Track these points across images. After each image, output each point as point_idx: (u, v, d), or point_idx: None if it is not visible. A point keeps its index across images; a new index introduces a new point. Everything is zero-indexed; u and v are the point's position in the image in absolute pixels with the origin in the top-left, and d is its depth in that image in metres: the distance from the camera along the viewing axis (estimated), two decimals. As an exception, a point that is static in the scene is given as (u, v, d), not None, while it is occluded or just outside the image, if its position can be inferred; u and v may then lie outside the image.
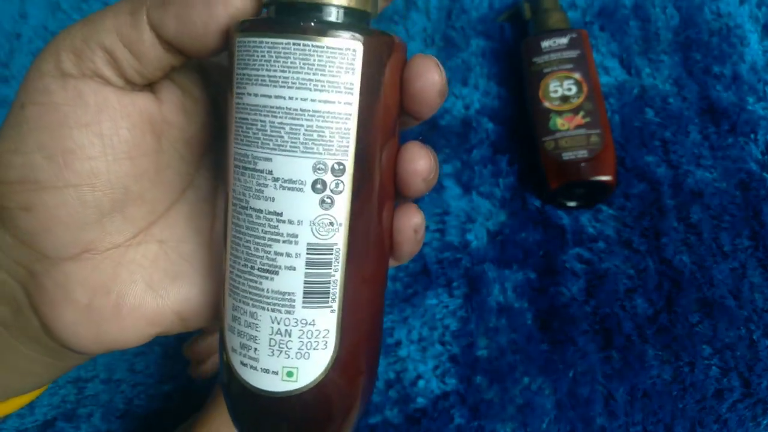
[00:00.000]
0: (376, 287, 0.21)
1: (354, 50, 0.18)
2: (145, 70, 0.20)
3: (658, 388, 0.41)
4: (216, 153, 0.24)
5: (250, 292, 0.20)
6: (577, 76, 0.44)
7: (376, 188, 0.20)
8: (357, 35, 0.18)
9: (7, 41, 0.52)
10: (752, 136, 0.46)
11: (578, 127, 0.43)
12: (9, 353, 0.24)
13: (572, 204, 0.45)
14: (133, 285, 0.22)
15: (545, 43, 0.45)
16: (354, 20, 0.20)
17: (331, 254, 0.19)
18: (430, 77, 0.20)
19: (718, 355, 0.41)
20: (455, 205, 0.46)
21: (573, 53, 0.45)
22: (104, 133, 0.20)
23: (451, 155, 0.47)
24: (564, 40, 0.45)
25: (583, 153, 0.43)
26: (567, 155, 0.43)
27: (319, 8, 0.19)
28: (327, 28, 0.18)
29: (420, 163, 0.21)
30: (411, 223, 0.22)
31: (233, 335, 0.20)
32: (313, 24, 0.18)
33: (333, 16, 0.19)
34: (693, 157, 0.46)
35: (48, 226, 0.20)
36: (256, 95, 0.19)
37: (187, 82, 0.22)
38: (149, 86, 0.21)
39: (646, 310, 0.42)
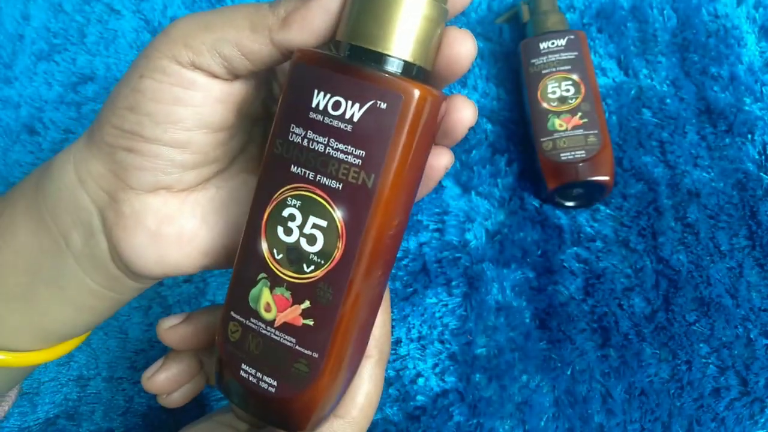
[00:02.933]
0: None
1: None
2: (255, 68, 0.24)
3: (656, 386, 0.41)
4: (265, 125, 0.30)
5: None
6: (575, 77, 0.45)
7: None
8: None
9: (9, 42, 0.53)
10: (749, 136, 0.46)
11: (576, 127, 0.44)
12: (71, 284, 0.28)
13: (570, 204, 0.45)
14: (192, 218, 0.27)
15: (543, 45, 0.46)
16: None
17: None
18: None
19: (716, 354, 0.41)
20: (454, 205, 0.46)
21: (571, 55, 0.45)
22: (204, 113, 0.25)
23: (451, 155, 0.47)
24: (562, 42, 0.45)
25: (580, 153, 0.43)
26: (565, 156, 0.43)
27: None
28: None
29: (467, 112, 0.24)
30: (444, 162, 0.26)
31: None
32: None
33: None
34: (690, 157, 0.46)
35: (141, 167, 0.25)
36: None
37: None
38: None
39: (644, 308, 0.43)
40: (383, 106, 0.21)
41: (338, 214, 0.22)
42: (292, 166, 0.22)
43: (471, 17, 0.52)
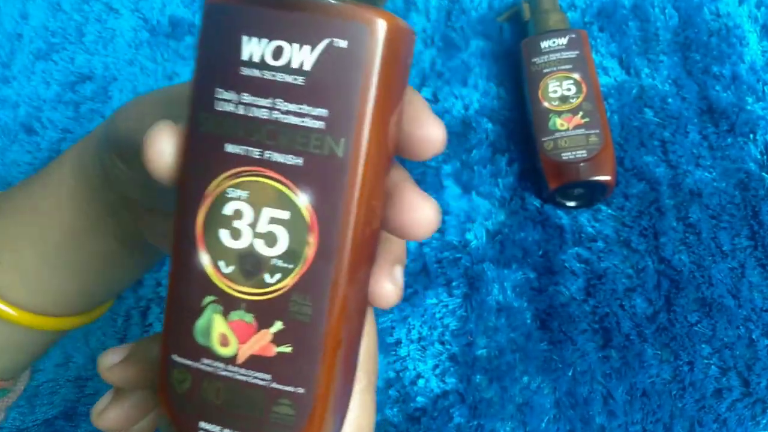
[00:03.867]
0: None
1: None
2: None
3: (657, 387, 0.41)
4: None
5: None
6: (576, 76, 0.44)
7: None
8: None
9: (8, 41, 0.52)
10: (751, 136, 0.46)
11: (577, 127, 0.43)
12: (105, 245, 0.30)
13: (571, 204, 0.45)
14: None
15: (544, 44, 0.45)
16: None
17: None
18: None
19: (717, 355, 0.41)
20: (455, 205, 0.46)
21: (572, 54, 0.45)
22: None
23: (451, 155, 0.47)
24: (563, 41, 0.45)
25: (582, 153, 0.43)
26: (566, 155, 0.43)
27: None
28: None
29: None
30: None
31: None
32: None
33: None
34: (692, 157, 0.46)
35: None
36: None
37: None
38: None
39: (645, 309, 0.42)
40: (343, 44, 0.16)
41: (303, 199, 0.17)
42: (227, 145, 0.17)
43: (471, 15, 0.51)
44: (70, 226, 0.30)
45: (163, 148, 0.18)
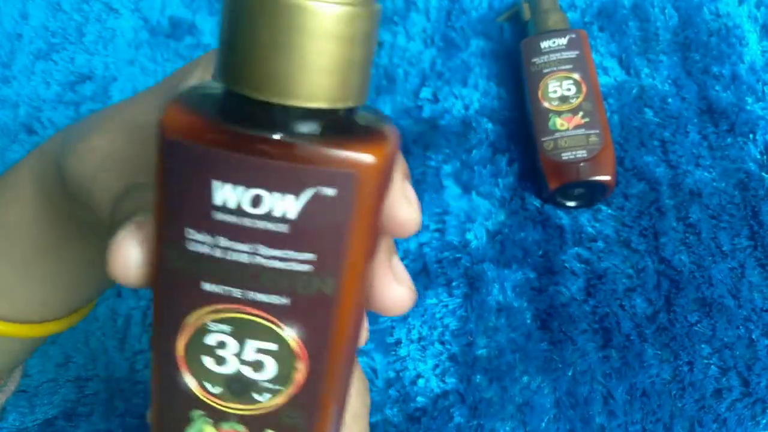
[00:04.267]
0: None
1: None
2: None
3: (657, 387, 0.41)
4: None
5: None
6: (576, 76, 0.44)
7: None
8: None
9: (8, 41, 0.52)
10: (751, 136, 0.46)
11: (577, 127, 0.43)
12: (84, 248, 0.28)
13: (571, 204, 0.45)
14: None
15: (544, 44, 0.45)
16: None
17: None
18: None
19: (717, 355, 0.41)
20: (455, 205, 0.46)
21: (572, 54, 0.45)
22: None
23: (451, 155, 0.47)
24: (563, 41, 0.45)
25: (582, 153, 0.43)
26: (566, 155, 0.43)
27: None
28: None
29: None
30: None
31: None
32: None
33: None
34: (692, 157, 0.46)
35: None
36: None
37: None
38: None
39: (645, 309, 0.42)
40: (330, 192, 0.15)
41: (290, 333, 0.16)
42: (203, 284, 0.16)
43: (471, 15, 0.51)
44: (39, 239, 0.28)
45: (129, 260, 0.17)
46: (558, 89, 0.44)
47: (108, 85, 0.51)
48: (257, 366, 0.17)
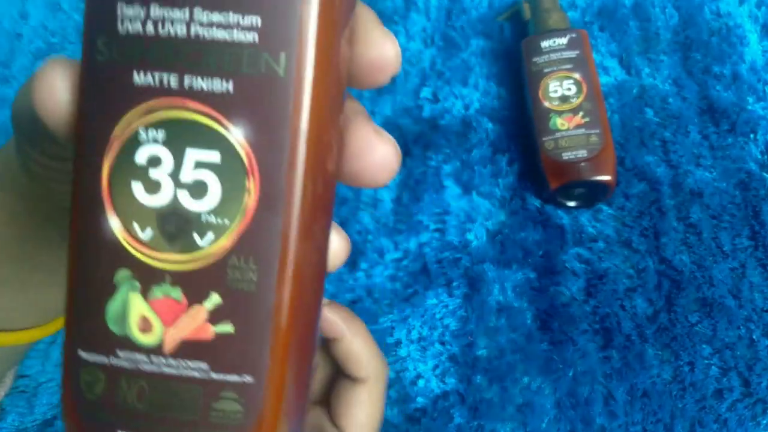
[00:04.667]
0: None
1: None
2: None
3: (658, 387, 0.41)
4: None
5: None
6: (576, 76, 0.44)
7: None
8: None
9: (7, 41, 0.52)
10: (752, 135, 0.46)
11: (578, 126, 0.43)
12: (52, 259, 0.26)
13: (572, 204, 0.45)
14: None
15: (545, 43, 0.45)
16: None
17: None
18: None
19: (718, 355, 0.41)
20: (455, 205, 0.46)
21: (573, 53, 0.45)
22: None
23: (451, 155, 0.47)
24: (564, 40, 0.45)
25: (582, 153, 0.43)
26: (567, 155, 0.43)
27: None
28: None
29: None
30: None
31: None
32: None
33: None
34: (693, 156, 0.46)
35: None
36: None
37: None
38: None
39: (646, 309, 0.42)
40: None
41: (237, 134, 0.13)
42: (135, 75, 0.14)
43: (472, 15, 0.51)
44: (4, 241, 0.27)
45: (56, 85, 0.15)
46: (558, 89, 0.44)
47: (107, 85, 0.51)
48: (197, 189, 0.14)
